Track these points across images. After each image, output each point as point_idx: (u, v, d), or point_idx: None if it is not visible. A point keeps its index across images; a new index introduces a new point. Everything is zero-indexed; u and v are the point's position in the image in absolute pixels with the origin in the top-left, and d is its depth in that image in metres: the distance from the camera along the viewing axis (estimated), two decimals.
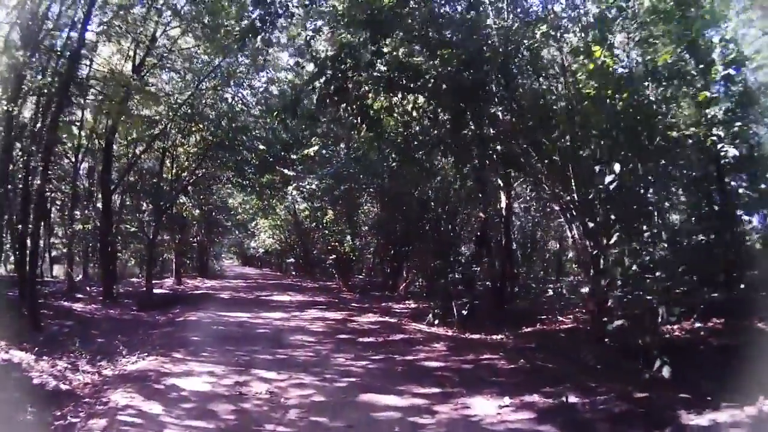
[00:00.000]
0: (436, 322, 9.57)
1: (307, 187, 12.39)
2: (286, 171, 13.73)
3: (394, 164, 11.18)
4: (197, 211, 21.02)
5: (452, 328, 9.17)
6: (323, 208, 18.68)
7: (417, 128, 9.93)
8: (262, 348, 7.65)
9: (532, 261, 17.93)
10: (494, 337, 8.35)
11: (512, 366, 6.37)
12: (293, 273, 33.59)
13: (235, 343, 7.91)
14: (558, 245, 18.86)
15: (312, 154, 13.07)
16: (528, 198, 15.33)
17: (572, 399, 4.85)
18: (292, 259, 34.77)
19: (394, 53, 7.78)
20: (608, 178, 5.62)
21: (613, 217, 6.13)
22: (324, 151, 13.98)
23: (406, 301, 13.65)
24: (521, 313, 10.26)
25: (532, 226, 17.27)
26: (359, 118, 7.92)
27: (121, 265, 21.49)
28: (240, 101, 16.63)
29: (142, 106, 14.24)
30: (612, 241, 5.90)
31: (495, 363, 6.56)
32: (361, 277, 22.07)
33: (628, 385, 5.00)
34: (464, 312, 9.24)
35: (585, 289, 7.48)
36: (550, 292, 12.34)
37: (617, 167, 5.61)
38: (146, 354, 7.05)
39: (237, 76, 15.58)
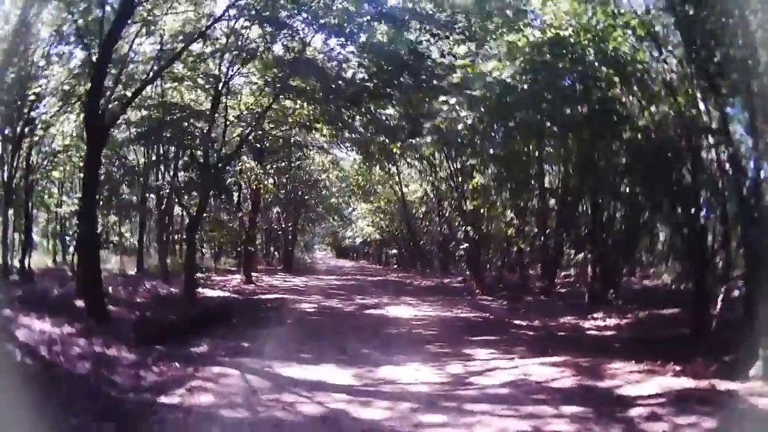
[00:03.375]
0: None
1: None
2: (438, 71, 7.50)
3: None
4: (272, 180, 15.12)
5: None
6: (476, 163, 11.55)
7: None
8: None
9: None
10: None
11: None
12: (395, 266, 28.96)
13: None
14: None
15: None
16: None
17: None
18: (395, 251, 29.38)
19: None
20: None
21: None
22: None
23: (593, 314, 8.24)
24: None
25: None
26: None
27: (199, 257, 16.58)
28: None
29: None
30: None
31: None
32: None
33: None
34: None
35: None
36: None
37: None
38: None
39: None
